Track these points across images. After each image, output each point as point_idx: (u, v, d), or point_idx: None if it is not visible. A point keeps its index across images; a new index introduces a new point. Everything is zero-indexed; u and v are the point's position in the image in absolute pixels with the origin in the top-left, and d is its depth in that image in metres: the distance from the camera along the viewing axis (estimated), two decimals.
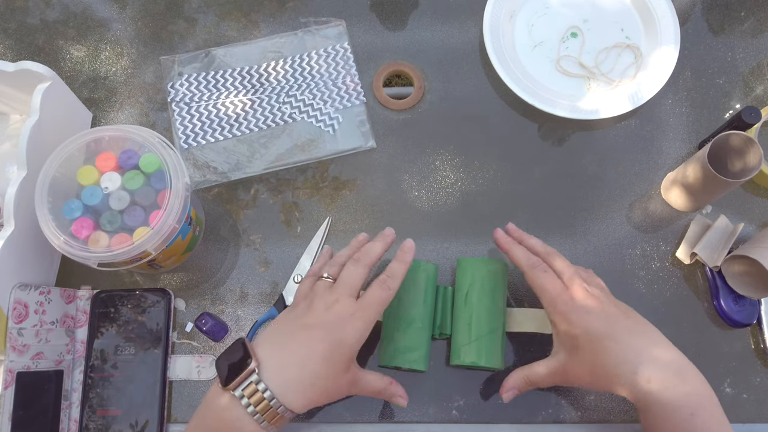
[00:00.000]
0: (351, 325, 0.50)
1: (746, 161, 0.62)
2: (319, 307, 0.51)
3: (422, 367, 0.59)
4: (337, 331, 0.50)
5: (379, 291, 0.53)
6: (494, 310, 0.60)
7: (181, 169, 0.58)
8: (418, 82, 0.74)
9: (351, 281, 0.53)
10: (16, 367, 0.57)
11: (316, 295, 0.53)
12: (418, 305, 0.61)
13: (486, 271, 0.61)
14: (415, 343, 0.59)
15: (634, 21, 0.77)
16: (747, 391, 0.64)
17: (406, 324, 0.60)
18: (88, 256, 0.55)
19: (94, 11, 0.78)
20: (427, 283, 0.62)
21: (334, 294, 0.52)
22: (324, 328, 0.50)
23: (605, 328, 0.52)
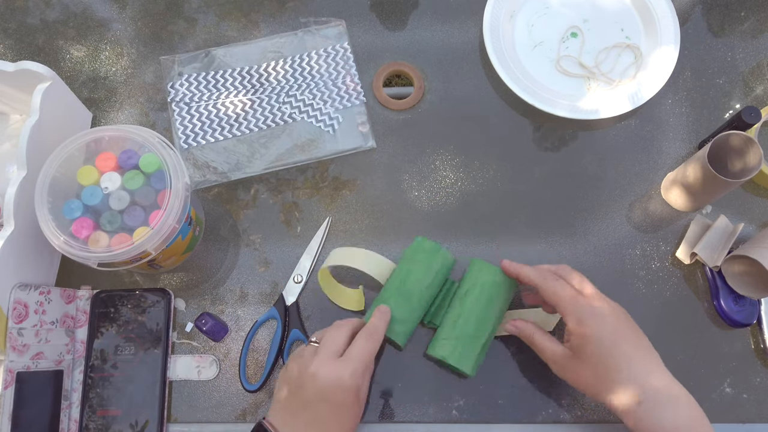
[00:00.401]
0: (341, 389, 0.53)
1: (746, 161, 0.62)
2: (307, 378, 0.53)
3: (401, 341, 0.60)
4: (332, 399, 0.53)
5: (365, 342, 0.55)
6: (485, 318, 0.60)
7: (181, 169, 0.58)
8: (418, 82, 0.74)
9: (331, 344, 0.55)
10: (16, 367, 0.57)
11: (302, 360, 0.55)
12: (421, 286, 0.61)
13: (492, 280, 0.61)
14: (404, 317, 0.60)
15: (634, 21, 0.77)
16: (747, 391, 0.64)
17: (404, 297, 0.60)
18: (88, 256, 0.55)
19: (94, 11, 0.78)
20: (439, 270, 0.62)
21: (317, 359, 0.54)
22: (318, 402, 0.53)
23: (614, 338, 0.53)
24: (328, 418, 0.53)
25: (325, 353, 0.54)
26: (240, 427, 0.62)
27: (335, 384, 0.52)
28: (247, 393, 0.63)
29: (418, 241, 0.63)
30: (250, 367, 0.64)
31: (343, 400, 0.53)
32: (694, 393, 0.64)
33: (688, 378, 0.64)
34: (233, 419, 0.63)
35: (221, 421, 0.63)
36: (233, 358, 0.65)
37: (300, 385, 0.54)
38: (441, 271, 0.62)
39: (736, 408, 0.63)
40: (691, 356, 0.65)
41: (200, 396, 0.63)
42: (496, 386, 0.64)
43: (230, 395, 0.63)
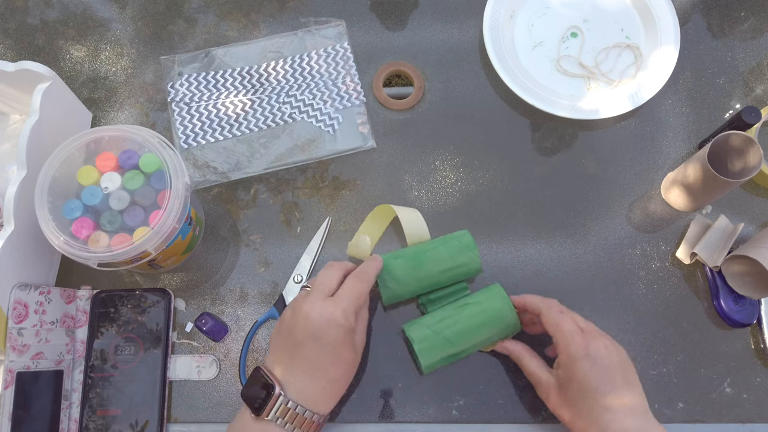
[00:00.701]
0: (333, 325, 0.53)
1: (746, 161, 0.62)
2: (300, 318, 0.54)
3: (386, 296, 0.61)
4: (325, 337, 0.53)
5: (356, 282, 0.56)
6: (469, 334, 0.59)
7: (181, 169, 0.58)
8: (418, 82, 0.74)
9: (322, 284, 0.56)
10: (16, 367, 0.57)
11: (296, 302, 0.56)
12: (436, 267, 0.61)
13: (498, 309, 0.60)
14: (402, 280, 0.61)
15: (634, 21, 0.77)
16: (747, 391, 0.64)
17: (413, 264, 0.61)
18: (88, 256, 0.55)
19: (94, 11, 0.78)
20: (460, 266, 0.62)
21: (308, 300, 0.54)
22: (311, 339, 0.53)
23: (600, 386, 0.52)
24: (321, 357, 0.53)
25: (317, 293, 0.54)
26: None
27: (327, 322, 0.52)
28: None
29: (463, 232, 0.63)
30: (250, 367, 0.64)
31: (335, 339, 0.53)
32: (694, 393, 0.64)
33: (688, 378, 0.64)
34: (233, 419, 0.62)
35: (221, 421, 0.63)
36: (233, 358, 0.65)
37: (293, 326, 0.54)
38: (461, 268, 0.62)
39: (736, 408, 0.63)
40: (691, 356, 0.65)
41: (200, 396, 0.63)
42: (496, 386, 0.64)
43: (230, 395, 0.63)
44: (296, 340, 0.53)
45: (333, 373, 0.54)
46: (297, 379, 0.53)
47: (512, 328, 0.61)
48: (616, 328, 0.65)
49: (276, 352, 0.55)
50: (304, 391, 0.53)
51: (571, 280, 0.67)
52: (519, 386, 0.63)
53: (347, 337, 0.53)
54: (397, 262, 0.61)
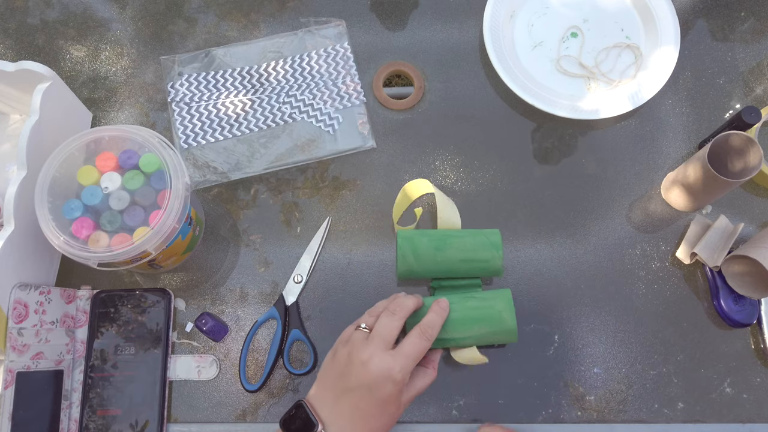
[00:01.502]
0: (391, 382, 0.52)
1: (746, 161, 0.62)
2: (357, 364, 0.53)
3: (400, 271, 0.63)
4: (378, 390, 0.52)
5: (419, 341, 0.55)
6: (463, 326, 0.59)
7: (181, 169, 0.58)
8: (418, 82, 0.74)
9: (385, 333, 0.54)
10: (16, 367, 0.57)
11: (353, 347, 0.54)
12: (456, 254, 0.62)
13: (498, 310, 0.60)
14: (421, 256, 0.62)
15: (634, 21, 0.77)
16: (747, 391, 0.64)
17: (436, 245, 0.62)
18: (88, 256, 0.55)
19: (94, 11, 0.78)
20: (481, 261, 0.62)
21: (369, 348, 0.53)
22: (364, 389, 0.52)
23: None
24: (369, 408, 0.52)
25: (378, 343, 0.53)
26: (240, 427, 0.62)
27: (385, 375, 0.52)
28: (247, 393, 0.63)
29: (493, 231, 0.64)
30: (250, 367, 0.64)
31: (388, 394, 0.52)
32: (694, 393, 0.64)
33: (688, 378, 0.64)
34: (233, 419, 0.63)
35: (221, 421, 0.63)
36: (233, 358, 0.65)
37: (348, 370, 0.53)
38: (481, 264, 0.63)
39: (736, 408, 0.63)
40: (691, 356, 0.65)
41: (200, 396, 0.63)
42: (496, 386, 0.64)
43: (230, 395, 0.63)
44: (348, 385, 0.53)
45: (375, 425, 0.53)
46: (340, 424, 0.52)
47: (508, 334, 0.61)
48: (616, 328, 0.65)
49: (323, 390, 0.54)
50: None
51: (571, 280, 0.67)
52: (519, 386, 0.64)
53: (399, 394, 0.53)
54: (422, 240, 0.63)
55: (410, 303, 0.58)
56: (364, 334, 0.55)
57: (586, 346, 0.65)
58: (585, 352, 0.65)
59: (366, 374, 0.52)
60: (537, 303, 0.66)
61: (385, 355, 0.53)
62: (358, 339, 0.55)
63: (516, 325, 0.60)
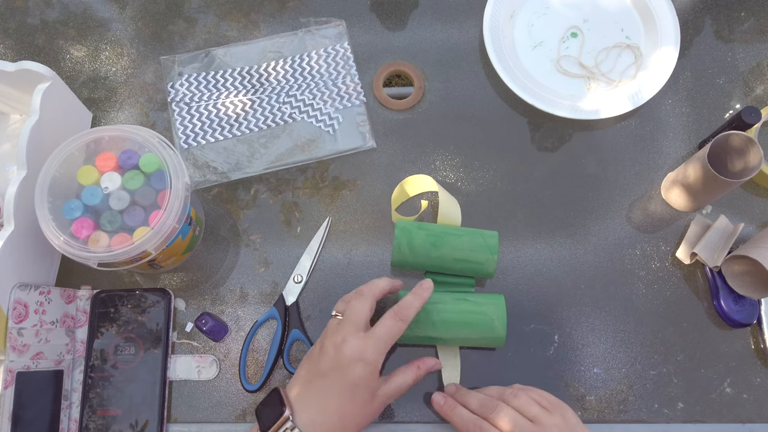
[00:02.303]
0: (362, 363, 0.52)
1: (746, 161, 0.62)
2: (329, 349, 0.53)
3: (394, 259, 0.63)
4: (349, 373, 0.52)
5: (392, 323, 0.54)
6: (453, 328, 0.60)
7: (181, 169, 0.58)
8: (418, 82, 0.74)
9: (354, 316, 0.54)
10: (16, 367, 0.57)
11: (326, 334, 0.55)
12: (452, 253, 0.62)
13: (490, 318, 0.60)
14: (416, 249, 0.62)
15: (634, 21, 0.77)
16: (747, 391, 0.64)
17: (432, 241, 0.62)
18: (88, 256, 0.55)
19: (94, 11, 0.78)
20: (475, 262, 0.62)
21: (341, 332, 0.53)
22: (336, 371, 0.52)
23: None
24: (340, 391, 0.52)
25: (349, 326, 0.53)
26: (240, 427, 0.62)
27: (356, 357, 0.51)
28: (247, 393, 0.63)
29: (492, 233, 0.64)
30: (250, 367, 0.64)
31: (359, 376, 0.51)
32: (694, 393, 0.64)
33: (688, 378, 0.64)
34: (233, 419, 0.63)
35: (221, 421, 0.63)
36: (233, 358, 0.65)
37: (320, 356, 0.53)
38: (475, 265, 0.63)
39: (736, 408, 0.63)
40: (691, 356, 0.65)
41: (200, 396, 0.63)
42: None
43: (230, 395, 0.63)
44: (320, 369, 0.53)
45: (347, 410, 0.52)
46: (310, 408, 0.52)
47: (496, 341, 0.61)
48: (616, 328, 0.65)
49: (298, 377, 0.55)
50: (314, 422, 0.51)
51: (571, 280, 0.67)
52: None
53: (371, 376, 0.52)
54: (419, 233, 0.63)
55: (382, 284, 0.57)
56: (337, 320, 0.55)
57: (586, 346, 0.65)
58: (585, 352, 0.65)
59: (338, 356, 0.52)
60: (537, 303, 0.66)
61: (356, 337, 0.52)
62: (331, 326, 0.55)
63: (506, 333, 0.60)
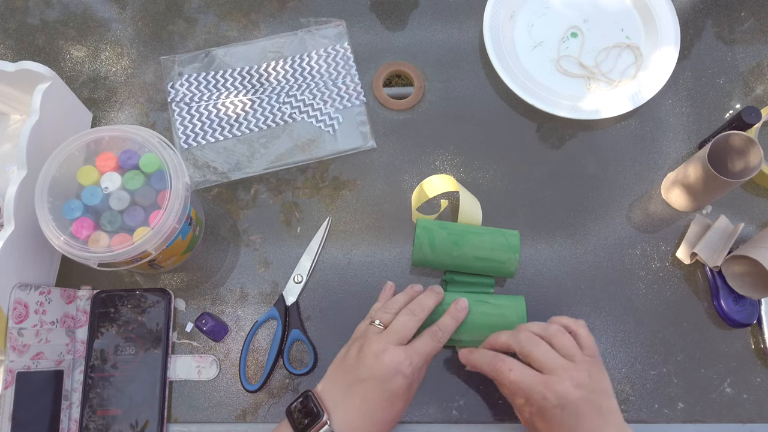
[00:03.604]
0: (401, 375, 0.52)
1: (746, 161, 0.62)
2: (369, 356, 0.53)
3: (414, 258, 0.63)
4: (389, 383, 0.52)
5: (430, 341, 0.55)
6: (473, 330, 0.60)
7: (181, 169, 0.58)
8: (418, 82, 0.74)
9: (402, 331, 0.55)
10: (16, 367, 0.57)
11: (367, 340, 0.55)
12: (473, 252, 0.62)
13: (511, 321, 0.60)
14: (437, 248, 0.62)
15: (634, 21, 0.77)
16: (747, 391, 0.64)
17: (453, 240, 0.62)
18: (88, 256, 0.55)
19: (94, 11, 0.78)
20: (496, 261, 0.62)
21: (383, 341, 0.54)
22: (376, 380, 0.52)
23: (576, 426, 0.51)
24: (378, 401, 0.52)
25: (392, 338, 0.54)
26: (240, 427, 0.62)
27: (396, 369, 0.52)
28: (247, 393, 0.63)
29: (513, 232, 0.64)
30: (250, 367, 0.64)
31: (398, 388, 0.52)
32: (694, 393, 0.64)
33: (688, 378, 0.64)
34: (233, 419, 0.63)
35: (221, 421, 0.63)
36: (233, 358, 0.65)
37: (359, 363, 0.53)
38: (496, 264, 0.63)
39: (736, 408, 0.63)
40: (691, 356, 0.65)
41: (200, 396, 0.63)
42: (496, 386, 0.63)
43: (230, 395, 0.63)
44: (359, 376, 0.53)
45: (382, 418, 0.53)
46: (348, 414, 0.52)
47: None
48: (616, 328, 0.65)
49: (332, 382, 0.55)
50: (348, 427, 0.52)
51: (571, 280, 0.67)
52: None
53: (407, 389, 0.53)
54: (441, 232, 0.63)
55: (431, 303, 0.58)
56: (378, 329, 0.56)
57: None
58: None
59: (378, 366, 0.52)
60: (537, 303, 0.66)
61: (399, 349, 0.53)
62: (372, 333, 0.55)
63: None
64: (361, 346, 0.55)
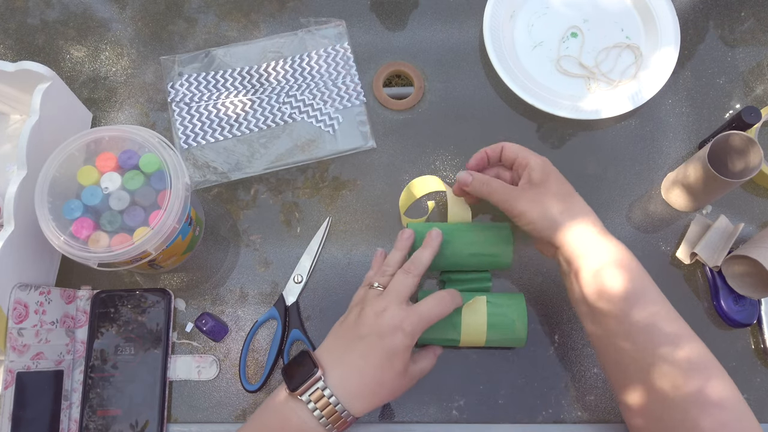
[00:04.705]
0: (401, 331, 0.52)
1: (746, 161, 0.62)
2: (370, 315, 0.54)
3: None
4: (388, 339, 0.52)
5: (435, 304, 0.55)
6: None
7: (181, 169, 0.58)
8: (418, 82, 0.74)
9: (400, 290, 0.55)
10: (16, 367, 0.57)
11: (367, 302, 0.55)
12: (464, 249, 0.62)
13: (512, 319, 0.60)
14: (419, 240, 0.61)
15: (634, 21, 0.77)
16: (747, 391, 0.64)
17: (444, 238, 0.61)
18: (88, 256, 0.55)
19: (94, 11, 0.78)
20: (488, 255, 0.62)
21: (383, 301, 0.54)
22: (376, 336, 0.52)
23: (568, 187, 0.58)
24: (376, 358, 0.52)
25: (394, 297, 0.54)
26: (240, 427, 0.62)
27: (396, 325, 0.52)
28: (248, 393, 0.63)
29: (503, 224, 0.63)
30: (250, 367, 0.64)
31: (397, 345, 0.52)
32: None
33: None
34: (233, 419, 0.63)
35: (221, 421, 0.63)
36: (233, 358, 0.65)
37: (360, 322, 0.54)
38: (490, 258, 0.62)
39: None
40: None
41: (200, 396, 0.63)
42: (496, 386, 0.64)
43: (230, 395, 0.63)
44: (359, 333, 0.53)
45: (380, 377, 0.52)
46: (344, 372, 0.52)
47: (517, 342, 0.61)
48: None
49: (331, 342, 0.55)
50: (345, 384, 0.52)
51: None
52: (519, 386, 0.64)
53: (406, 350, 0.53)
54: (422, 228, 0.62)
55: (426, 257, 0.58)
56: (378, 291, 0.56)
57: (586, 346, 0.65)
58: (585, 352, 0.65)
59: (378, 323, 0.53)
60: (537, 303, 0.66)
61: (400, 307, 0.54)
62: (372, 295, 0.56)
63: (526, 333, 0.60)
64: (362, 307, 0.55)
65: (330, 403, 0.51)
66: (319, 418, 0.51)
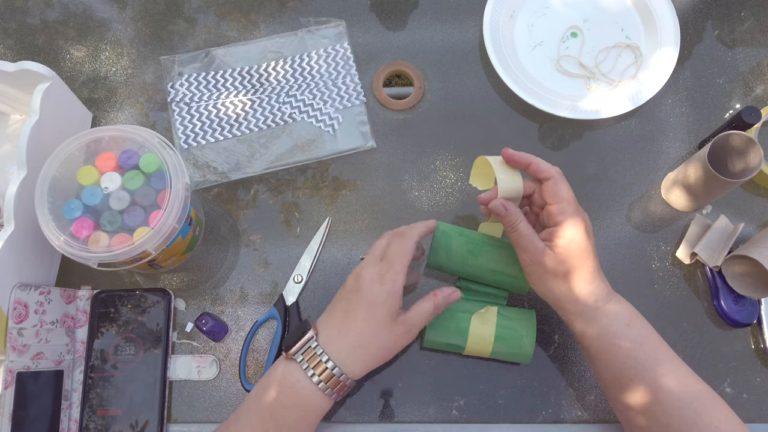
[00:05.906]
0: (378, 283, 0.54)
1: (746, 161, 0.62)
2: (352, 278, 0.57)
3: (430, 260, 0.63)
4: (367, 293, 0.54)
5: (398, 240, 0.57)
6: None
7: (181, 169, 0.58)
8: (418, 82, 0.74)
9: (375, 251, 0.57)
10: (16, 367, 0.57)
11: (355, 271, 0.57)
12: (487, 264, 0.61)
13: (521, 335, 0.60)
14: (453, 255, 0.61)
15: (634, 21, 0.77)
16: (747, 391, 0.64)
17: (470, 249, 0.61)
18: (88, 256, 0.55)
19: (94, 11, 0.78)
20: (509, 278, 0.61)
21: (364, 262, 0.57)
22: (356, 293, 0.55)
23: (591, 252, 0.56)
24: (358, 312, 0.54)
25: (370, 257, 0.57)
26: None
27: (372, 279, 0.54)
28: (248, 393, 0.63)
29: None
30: (250, 367, 0.64)
31: (376, 297, 0.54)
32: None
33: None
34: None
35: (221, 421, 0.62)
36: (233, 358, 0.65)
37: (345, 285, 0.57)
38: (509, 279, 0.61)
39: (736, 408, 0.63)
40: (691, 356, 0.65)
41: (200, 396, 0.63)
42: (496, 386, 0.64)
43: (230, 395, 0.63)
44: (343, 295, 0.56)
45: (367, 330, 0.54)
46: (331, 327, 0.55)
47: (522, 357, 0.61)
48: None
49: (327, 311, 0.58)
50: (334, 342, 0.54)
51: None
52: (519, 386, 0.64)
53: (389, 298, 0.54)
54: (459, 240, 0.62)
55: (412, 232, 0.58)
56: None
57: None
58: None
59: (358, 281, 0.55)
60: (537, 303, 0.66)
61: (374, 262, 0.56)
62: (359, 265, 0.58)
63: (533, 351, 0.60)
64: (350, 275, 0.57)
65: (322, 361, 0.53)
66: (318, 383, 0.52)
